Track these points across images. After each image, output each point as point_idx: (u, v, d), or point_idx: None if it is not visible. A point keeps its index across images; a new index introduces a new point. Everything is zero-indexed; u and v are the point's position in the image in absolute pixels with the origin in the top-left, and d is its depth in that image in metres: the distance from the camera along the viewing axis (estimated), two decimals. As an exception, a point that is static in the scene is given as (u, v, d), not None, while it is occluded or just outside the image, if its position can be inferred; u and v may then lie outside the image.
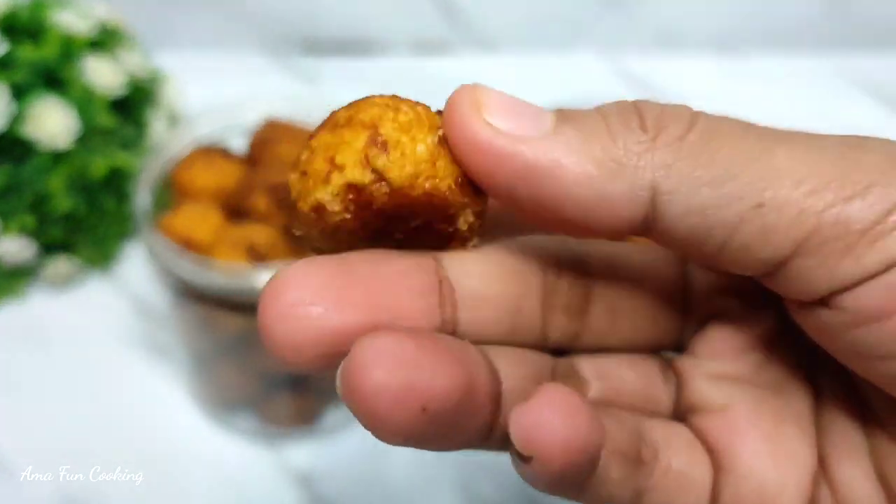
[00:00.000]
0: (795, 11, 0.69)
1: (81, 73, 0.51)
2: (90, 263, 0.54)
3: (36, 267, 0.53)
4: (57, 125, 0.49)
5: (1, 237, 0.50)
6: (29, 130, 0.48)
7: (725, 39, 0.71)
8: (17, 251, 0.50)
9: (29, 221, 0.50)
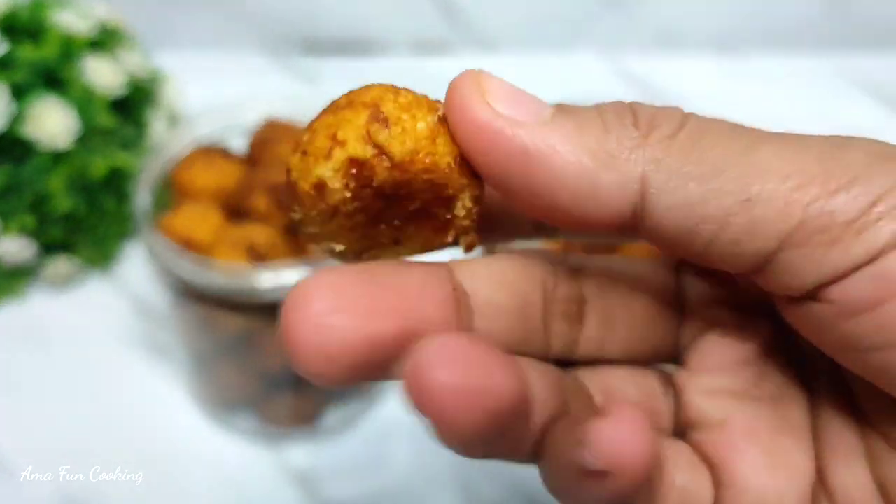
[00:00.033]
0: (795, 11, 0.69)
1: (81, 73, 0.51)
2: (90, 263, 0.54)
3: (36, 267, 0.53)
4: (57, 125, 0.49)
5: (1, 237, 0.50)
6: (29, 130, 0.48)
7: (725, 39, 0.71)
8: (17, 251, 0.50)
9: (29, 221, 0.50)
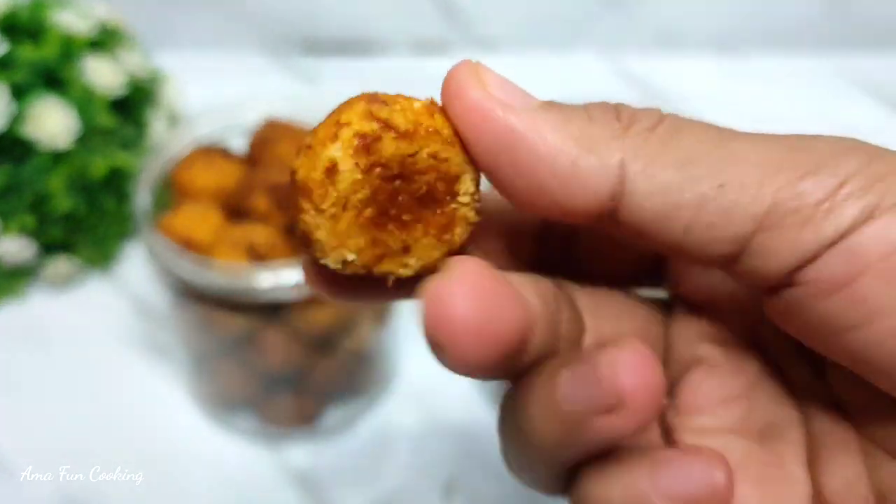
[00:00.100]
0: (795, 11, 0.69)
1: (81, 73, 0.51)
2: (90, 263, 0.54)
3: (36, 267, 0.53)
4: (57, 125, 0.49)
5: (1, 237, 0.50)
6: (29, 130, 0.48)
7: (725, 39, 0.71)
8: (17, 251, 0.50)
9: (29, 221, 0.50)
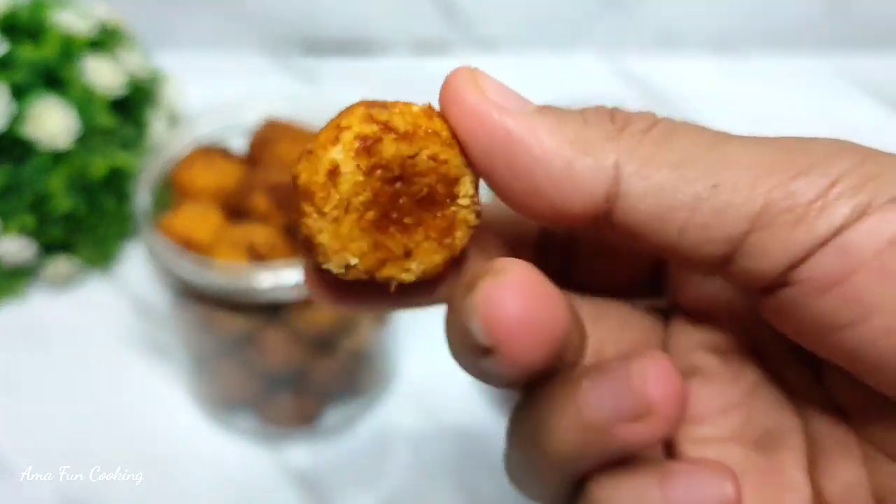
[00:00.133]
0: (795, 11, 0.69)
1: (81, 73, 0.51)
2: (90, 263, 0.54)
3: (36, 267, 0.53)
4: (57, 125, 0.49)
5: (1, 237, 0.50)
6: (29, 130, 0.48)
7: (725, 39, 0.71)
8: (17, 251, 0.50)
9: (29, 221, 0.50)
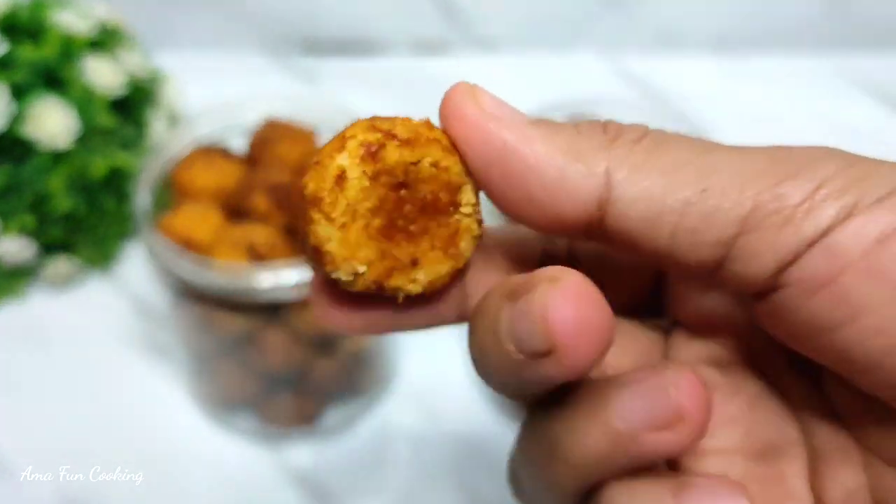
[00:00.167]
0: (795, 11, 0.69)
1: (81, 73, 0.51)
2: (90, 263, 0.54)
3: (36, 267, 0.53)
4: (57, 125, 0.49)
5: (1, 237, 0.50)
6: (29, 130, 0.48)
7: (725, 39, 0.71)
8: (17, 251, 0.50)
9: (29, 221, 0.50)
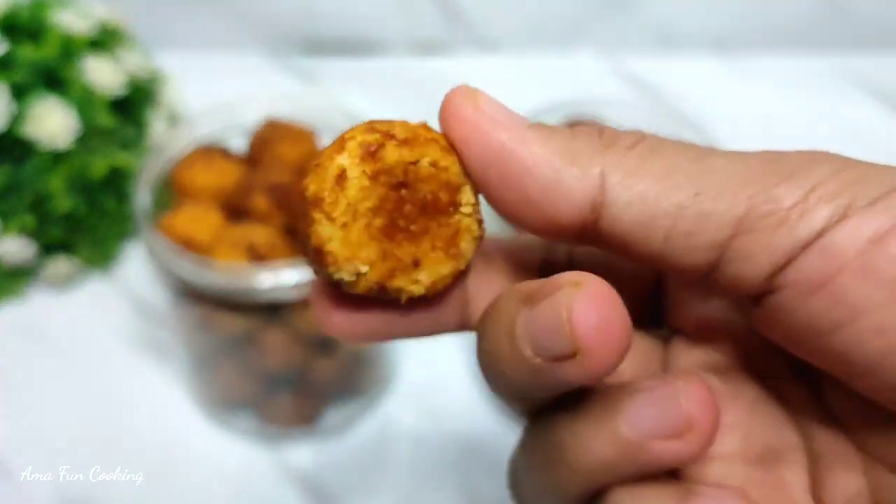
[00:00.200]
0: (795, 11, 0.69)
1: (81, 73, 0.51)
2: (90, 263, 0.54)
3: (36, 267, 0.53)
4: (57, 125, 0.49)
5: (1, 237, 0.50)
6: (29, 130, 0.48)
7: (725, 39, 0.71)
8: (17, 251, 0.50)
9: (29, 221, 0.50)
